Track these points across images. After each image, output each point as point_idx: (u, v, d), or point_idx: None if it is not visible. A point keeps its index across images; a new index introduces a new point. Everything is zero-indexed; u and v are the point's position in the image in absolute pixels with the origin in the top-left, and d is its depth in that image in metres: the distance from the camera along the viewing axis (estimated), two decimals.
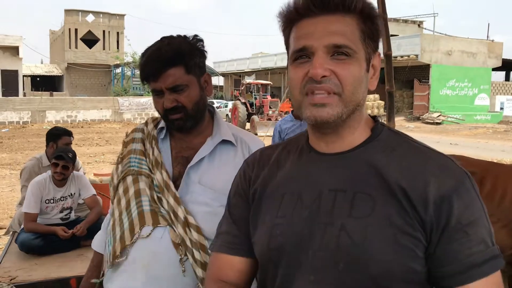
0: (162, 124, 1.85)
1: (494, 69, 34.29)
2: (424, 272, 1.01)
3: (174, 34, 1.75)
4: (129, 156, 1.83)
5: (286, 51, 1.16)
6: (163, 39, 1.71)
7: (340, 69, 1.04)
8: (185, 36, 1.74)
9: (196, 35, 1.75)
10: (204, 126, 1.81)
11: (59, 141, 4.96)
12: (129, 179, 1.77)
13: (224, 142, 1.78)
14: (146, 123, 1.93)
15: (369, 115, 1.18)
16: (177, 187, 1.72)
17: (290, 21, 1.10)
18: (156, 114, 1.79)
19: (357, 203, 1.03)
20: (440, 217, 0.98)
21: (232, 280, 1.24)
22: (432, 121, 29.09)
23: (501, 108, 33.95)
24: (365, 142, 1.11)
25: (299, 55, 1.07)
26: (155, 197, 1.71)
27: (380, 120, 1.18)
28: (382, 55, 4.36)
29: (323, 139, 1.13)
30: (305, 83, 1.06)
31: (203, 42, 1.77)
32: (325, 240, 1.04)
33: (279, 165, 1.22)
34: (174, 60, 1.65)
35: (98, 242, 1.95)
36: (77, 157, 4.72)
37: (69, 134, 5.11)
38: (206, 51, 1.77)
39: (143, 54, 1.70)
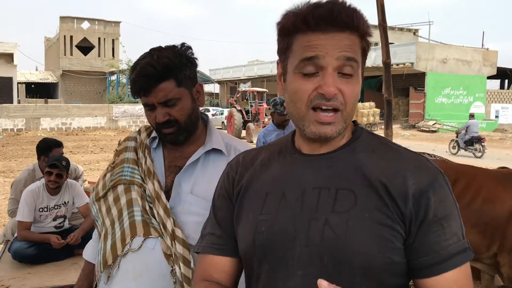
0: (155, 133, 1.82)
1: (489, 77, 34.52)
2: (404, 263, 1.07)
3: (163, 45, 1.72)
4: (121, 165, 1.80)
5: (280, 57, 1.17)
6: (152, 51, 1.67)
7: (346, 88, 1.08)
8: (174, 46, 1.70)
9: (184, 43, 1.72)
10: (197, 136, 1.79)
11: (50, 154, 4.90)
12: (120, 188, 1.74)
13: (217, 151, 1.76)
14: (139, 132, 1.91)
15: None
16: (170, 196, 1.71)
17: (295, 30, 1.09)
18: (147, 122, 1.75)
19: (339, 198, 1.08)
20: (419, 210, 1.04)
21: (219, 280, 1.25)
22: (427, 129, 29.20)
23: (496, 116, 34.10)
24: (347, 143, 1.17)
25: (307, 63, 1.07)
26: (147, 208, 1.69)
27: (371, 128, 1.22)
28: (381, 63, 4.34)
29: (312, 145, 1.17)
30: (314, 97, 1.08)
31: (192, 50, 1.74)
32: (310, 235, 1.08)
33: (263, 166, 1.25)
34: (164, 74, 1.62)
35: (90, 251, 1.92)
36: (79, 165, 4.67)
37: (59, 145, 5.07)
38: (196, 59, 1.74)
39: (133, 69, 1.67)
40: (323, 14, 1.05)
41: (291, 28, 1.10)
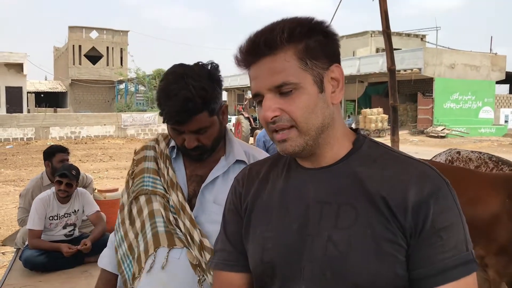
0: (173, 142, 1.83)
1: (497, 82, 34.30)
2: (406, 275, 1.05)
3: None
4: (141, 175, 1.81)
5: None
6: (187, 78, 1.62)
7: (287, 106, 1.08)
8: (203, 66, 1.69)
9: (212, 63, 1.72)
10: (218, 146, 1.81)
11: (53, 159, 4.98)
12: (142, 199, 1.76)
13: (237, 161, 1.77)
14: (157, 141, 1.91)
15: (350, 128, 1.22)
16: (192, 205, 1.72)
17: (244, 66, 1.14)
18: (160, 130, 1.77)
19: (341, 214, 1.08)
20: (417, 221, 1.02)
21: None
22: (436, 135, 29.05)
23: (506, 121, 33.87)
24: (347, 155, 1.15)
25: (257, 99, 1.13)
26: (171, 218, 1.70)
27: (379, 134, 1.20)
28: (385, 70, 4.37)
29: (306, 159, 1.18)
30: (267, 124, 1.12)
31: (219, 68, 1.73)
32: (313, 251, 1.08)
33: (268, 180, 1.25)
34: (201, 108, 1.63)
35: (107, 260, 1.90)
36: (88, 173, 4.71)
37: (63, 150, 5.12)
38: (222, 79, 1.76)
39: (166, 96, 1.63)
40: (247, 47, 1.10)
41: (242, 67, 1.15)
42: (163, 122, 1.71)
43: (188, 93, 1.60)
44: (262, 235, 1.18)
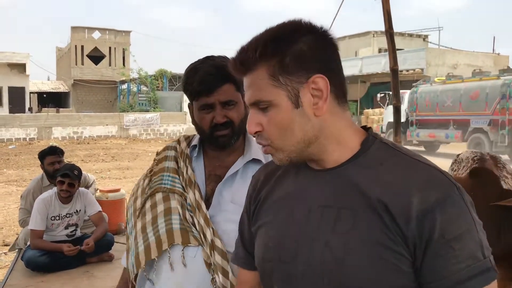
0: (195, 141, 1.88)
1: None
2: (414, 287, 1.01)
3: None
4: (161, 174, 1.83)
5: None
6: (205, 59, 1.77)
7: (266, 123, 1.10)
8: (225, 56, 1.78)
9: (225, 57, 1.79)
10: (238, 145, 1.84)
11: (44, 161, 5.06)
12: (159, 196, 1.77)
13: (256, 160, 1.80)
14: (178, 141, 1.95)
15: (363, 126, 1.19)
16: (210, 205, 1.74)
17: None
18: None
19: (341, 218, 1.05)
20: (422, 232, 0.97)
21: None
22: None
23: None
24: (353, 157, 1.11)
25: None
26: (188, 216, 1.71)
27: (373, 132, 1.17)
28: (388, 70, 4.33)
29: (312, 161, 1.17)
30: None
31: None
32: (311, 255, 1.07)
33: (280, 180, 1.25)
34: (228, 77, 1.70)
35: (125, 258, 1.92)
36: (90, 173, 4.71)
37: (53, 153, 5.15)
38: None
39: (194, 71, 1.76)
40: (232, 64, 1.15)
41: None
42: (190, 99, 1.80)
43: (212, 63, 1.74)
44: (266, 233, 1.19)
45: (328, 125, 1.10)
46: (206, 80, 1.71)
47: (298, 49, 1.06)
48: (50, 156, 5.09)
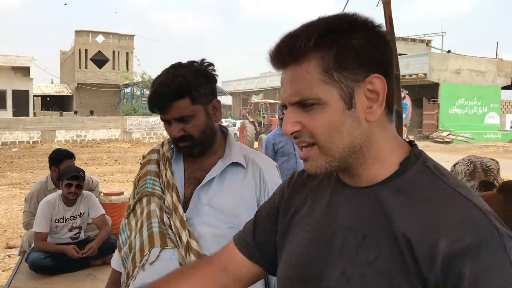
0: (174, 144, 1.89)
1: (503, 88, 34.21)
2: None
3: (185, 60, 1.80)
4: (145, 178, 1.87)
5: None
6: (170, 69, 1.75)
7: (308, 121, 0.96)
8: (192, 63, 1.78)
9: (203, 60, 1.80)
10: (216, 148, 1.84)
11: (61, 165, 4.98)
12: (144, 200, 1.81)
13: (235, 164, 1.80)
14: (162, 144, 1.97)
15: (409, 142, 1.05)
16: (188, 207, 1.76)
17: (276, 69, 1.03)
18: (165, 134, 1.82)
19: (364, 247, 0.94)
20: (447, 279, 0.83)
21: (230, 270, 1.23)
22: (441, 140, 28.98)
23: (511, 127, 33.76)
24: (389, 178, 0.98)
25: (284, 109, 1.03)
26: (165, 219, 1.74)
27: (418, 149, 1.02)
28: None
29: (345, 175, 1.05)
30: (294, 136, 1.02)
31: (213, 66, 1.81)
32: (329, 280, 0.99)
33: (312, 191, 1.15)
34: (179, 93, 1.70)
35: (117, 260, 1.98)
36: (93, 176, 4.73)
37: (70, 156, 5.14)
38: (215, 75, 1.81)
39: (152, 85, 1.76)
40: (273, 52, 0.99)
41: (272, 66, 1.03)
42: (151, 111, 1.80)
43: (165, 80, 1.70)
44: (291, 250, 1.11)
45: (374, 135, 0.98)
46: (158, 98, 1.72)
47: (358, 44, 0.93)
48: (69, 160, 5.08)
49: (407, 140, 1.06)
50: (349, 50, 0.93)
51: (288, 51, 0.95)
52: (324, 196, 1.10)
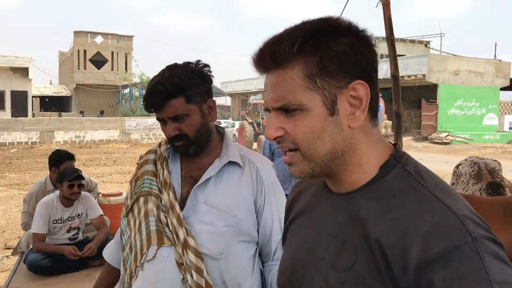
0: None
1: (502, 89, 34.24)
2: None
3: (181, 61, 1.82)
4: (143, 178, 1.88)
5: None
6: (165, 70, 1.79)
7: (290, 127, 0.96)
8: (188, 64, 1.81)
9: (199, 61, 1.82)
10: (213, 147, 1.86)
11: (61, 166, 4.98)
12: (141, 200, 1.83)
13: (232, 163, 1.82)
14: (159, 144, 1.99)
15: (393, 144, 1.04)
16: (185, 206, 1.77)
17: (259, 73, 1.01)
18: (163, 135, 1.83)
19: (343, 253, 0.95)
20: (419, 286, 0.81)
21: None
22: (440, 141, 29.00)
23: (510, 128, 33.77)
24: (367, 184, 0.97)
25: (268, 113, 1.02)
26: (162, 217, 1.76)
27: (400, 152, 1.01)
28: (389, 76, 4.31)
29: (330, 181, 1.05)
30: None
31: (209, 67, 1.83)
32: (312, 286, 1.00)
33: (307, 200, 1.16)
34: (174, 92, 1.72)
35: (109, 251, 2.03)
36: (92, 177, 4.73)
37: (71, 158, 5.14)
38: (211, 76, 1.84)
39: (148, 85, 1.79)
40: (257, 56, 0.98)
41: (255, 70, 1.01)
42: (146, 111, 1.83)
43: (160, 79, 1.74)
44: (284, 257, 1.15)
45: (356, 141, 0.97)
46: (152, 96, 1.75)
47: (341, 50, 0.92)
48: (69, 161, 5.08)
49: (393, 142, 1.05)
50: (332, 56, 0.92)
51: (272, 56, 0.94)
52: (313, 204, 1.11)
